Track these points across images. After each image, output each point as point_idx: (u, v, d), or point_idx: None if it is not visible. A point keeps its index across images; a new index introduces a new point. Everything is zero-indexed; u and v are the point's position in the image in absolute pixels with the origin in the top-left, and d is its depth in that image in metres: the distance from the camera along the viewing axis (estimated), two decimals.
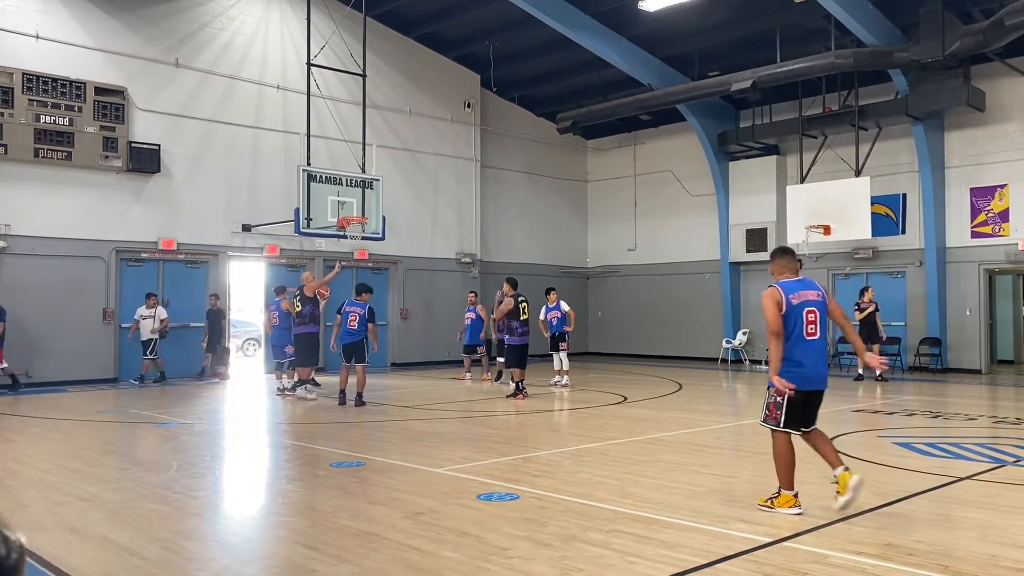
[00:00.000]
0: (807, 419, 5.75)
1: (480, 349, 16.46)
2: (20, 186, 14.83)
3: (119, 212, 15.99)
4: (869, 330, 16.02)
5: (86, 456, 8.20)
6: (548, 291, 15.41)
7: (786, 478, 5.65)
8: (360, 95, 17.51)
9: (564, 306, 15.07)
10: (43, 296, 15.01)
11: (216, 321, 16.51)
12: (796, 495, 5.61)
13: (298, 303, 13.25)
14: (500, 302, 14.04)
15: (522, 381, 13.30)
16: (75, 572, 4.48)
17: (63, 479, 7.00)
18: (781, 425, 5.64)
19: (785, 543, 4.92)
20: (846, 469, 5.57)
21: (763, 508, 5.65)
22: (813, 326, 5.66)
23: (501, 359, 15.37)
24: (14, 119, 14.59)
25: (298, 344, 13.26)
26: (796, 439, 5.75)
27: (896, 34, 16.64)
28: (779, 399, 5.60)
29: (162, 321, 15.55)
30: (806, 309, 5.65)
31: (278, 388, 13.79)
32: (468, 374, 16.63)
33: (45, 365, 14.97)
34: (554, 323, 15.02)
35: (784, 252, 6.00)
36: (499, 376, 15.74)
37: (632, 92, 20.23)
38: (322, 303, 13.88)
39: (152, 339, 15.46)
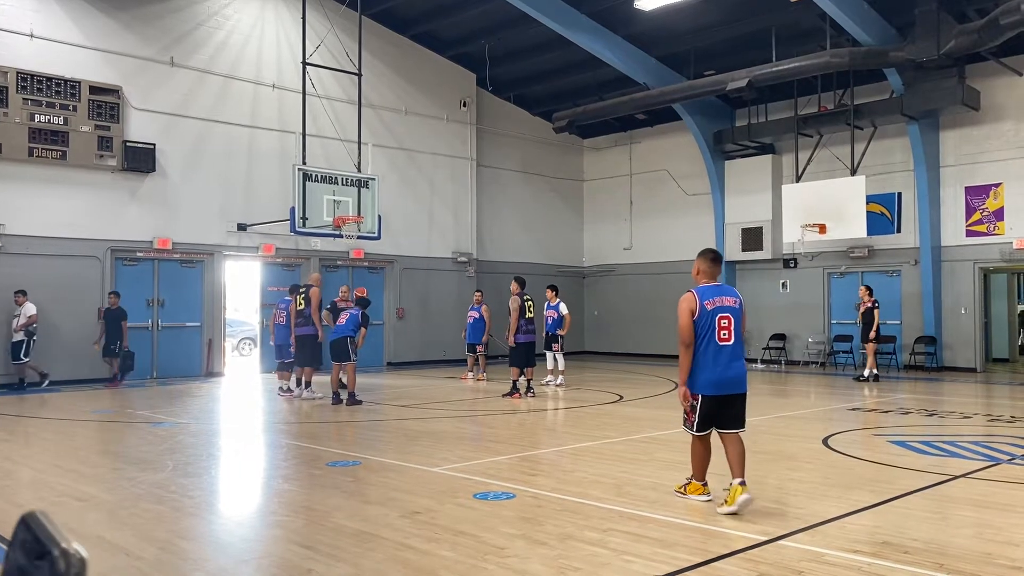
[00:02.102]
0: (726, 422, 5.78)
1: (479, 349, 16.43)
2: (15, 185, 14.79)
3: (114, 211, 15.95)
4: (865, 328, 16.03)
5: (82, 456, 8.19)
6: (549, 287, 15.38)
7: (699, 472, 5.97)
8: (356, 94, 17.49)
9: (563, 308, 15.01)
10: (38, 296, 14.91)
11: (115, 321, 15.08)
12: (705, 484, 5.93)
13: (302, 301, 13.19)
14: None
15: (530, 381, 13.29)
16: None
17: (58, 479, 6.98)
18: (695, 429, 5.80)
19: (781, 541, 4.92)
20: (742, 483, 5.61)
21: (677, 494, 6.03)
22: (726, 332, 5.72)
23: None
24: (8, 118, 14.54)
25: (300, 345, 13.23)
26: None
27: (891, 33, 16.67)
28: (694, 403, 5.74)
29: (28, 318, 14.22)
30: (720, 315, 5.73)
31: (281, 388, 13.71)
32: (470, 373, 16.58)
33: (40, 365, 14.90)
34: (549, 322, 14.99)
35: (713, 258, 6.05)
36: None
37: (628, 91, 20.24)
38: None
39: (22, 340, 14.25)
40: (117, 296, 15.30)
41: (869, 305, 15.98)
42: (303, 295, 13.23)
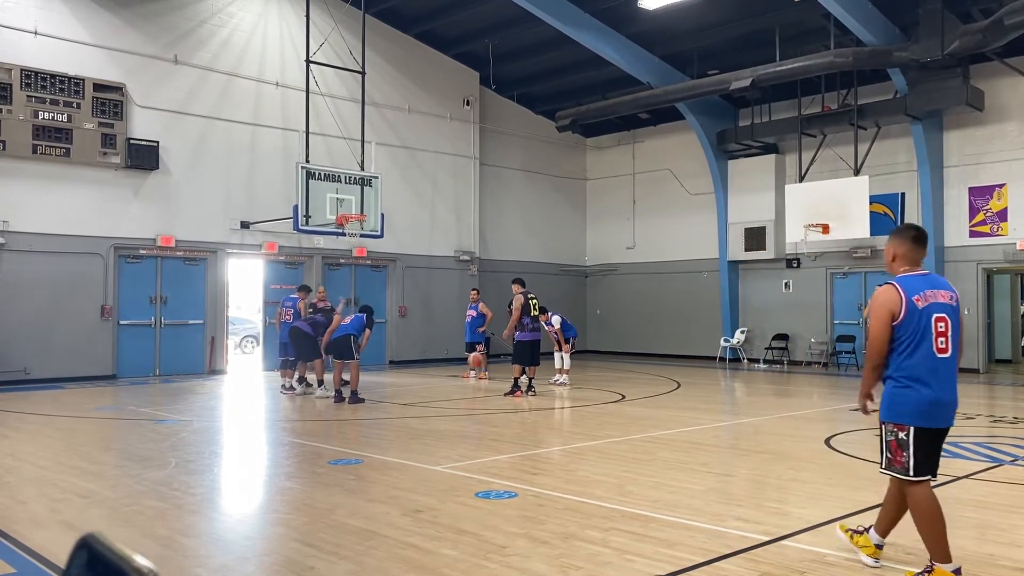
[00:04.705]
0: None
1: (479, 347, 16.43)
2: (18, 182, 14.80)
3: (117, 209, 15.96)
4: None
5: (84, 453, 8.20)
6: (542, 311, 15.15)
7: (937, 545, 4.08)
8: (359, 92, 17.49)
9: (556, 321, 15.14)
10: (41, 293, 14.98)
11: None
12: (958, 571, 4.06)
13: (311, 309, 13.56)
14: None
15: (531, 380, 13.28)
16: None
17: (61, 476, 6.99)
18: (912, 472, 4.12)
19: (783, 542, 4.92)
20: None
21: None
22: (944, 339, 4.09)
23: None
24: (12, 115, 14.56)
25: (295, 339, 13.27)
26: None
27: (895, 33, 16.64)
28: (902, 435, 4.13)
29: None
30: (935, 315, 4.09)
31: (284, 385, 13.72)
32: (472, 371, 16.57)
33: (43, 362, 14.94)
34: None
35: (916, 236, 4.34)
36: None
37: (631, 90, 20.22)
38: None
39: None
40: None
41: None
42: (325, 310, 13.46)
